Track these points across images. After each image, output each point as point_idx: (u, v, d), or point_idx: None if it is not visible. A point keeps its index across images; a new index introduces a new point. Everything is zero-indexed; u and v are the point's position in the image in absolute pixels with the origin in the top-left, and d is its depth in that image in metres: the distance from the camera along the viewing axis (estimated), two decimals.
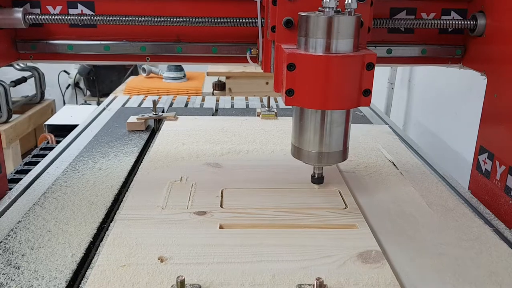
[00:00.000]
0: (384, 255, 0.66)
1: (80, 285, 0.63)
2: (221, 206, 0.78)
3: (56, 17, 0.89)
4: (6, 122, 2.65)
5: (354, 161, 1.01)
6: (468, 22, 0.90)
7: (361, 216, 0.76)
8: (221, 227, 0.72)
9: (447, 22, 0.91)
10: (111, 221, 0.79)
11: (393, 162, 1.01)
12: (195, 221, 0.73)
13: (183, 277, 0.54)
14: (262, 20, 0.82)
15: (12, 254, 0.68)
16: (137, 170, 0.97)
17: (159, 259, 0.64)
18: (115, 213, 0.81)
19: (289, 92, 0.70)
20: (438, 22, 0.91)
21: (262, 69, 0.85)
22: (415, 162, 1.03)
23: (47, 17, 0.89)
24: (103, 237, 0.74)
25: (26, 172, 1.06)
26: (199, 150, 1.03)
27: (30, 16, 0.88)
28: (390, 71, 1.84)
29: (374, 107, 1.53)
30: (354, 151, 1.07)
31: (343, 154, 0.79)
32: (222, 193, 0.83)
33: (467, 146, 1.33)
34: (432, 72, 1.59)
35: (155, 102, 1.21)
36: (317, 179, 0.85)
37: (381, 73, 1.96)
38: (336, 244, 0.68)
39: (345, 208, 0.79)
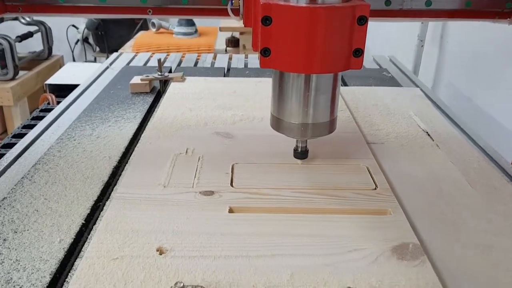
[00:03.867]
0: (423, 248, 0.56)
1: (67, 279, 0.54)
2: (231, 184, 0.68)
3: None
4: (12, 79, 2.56)
5: (383, 130, 0.89)
6: None
7: (394, 199, 0.65)
8: (230, 210, 0.62)
9: None
10: (107, 199, 0.69)
11: (427, 132, 0.89)
12: (201, 203, 0.63)
13: (182, 284, 0.44)
14: None
15: None
16: (139, 139, 0.87)
17: (157, 250, 0.54)
18: (112, 189, 0.72)
19: (265, 52, 0.59)
20: None
21: (243, 24, 0.73)
22: (452, 132, 0.91)
23: None
24: (98, 217, 0.65)
25: (24, 136, 0.96)
26: (208, 117, 0.92)
27: None
28: (420, 26, 1.67)
29: (402, 66, 1.40)
30: (383, 118, 0.95)
31: (330, 125, 0.68)
32: (232, 168, 0.72)
33: (509, 114, 1.20)
34: (467, 28, 1.43)
35: (160, 61, 1.10)
36: (300, 154, 0.74)
37: (410, 28, 1.80)
38: (365, 235, 0.57)
39: (375, 188, 0.68)
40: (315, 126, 0.67)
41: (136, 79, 1.09)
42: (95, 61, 3.52)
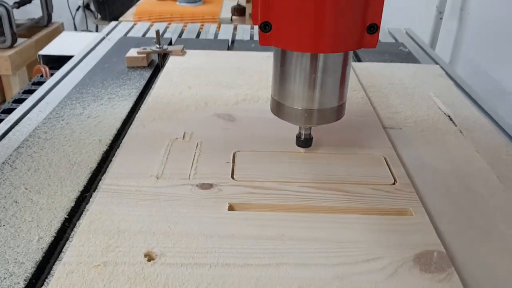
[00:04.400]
0: (449, 257, 0.49)
1: (43, 287, 0.48)
2: (232, 176, 0.61)
3: None
4: (10, 47, 2.48)
5: (401, 113, 0.81)
6: None
7: (416, 196, 0.58)
8: (230, 207, 0.55)
9: None
10: (95, 190, 0.62)
11: (449, 116, 0.81)
12: (197, 198, 0.56)
13: None
14: None
15: None
16: (133, 119, 0.79)
17: (146, 256, 0.48)
18: (101, 178, 0.65)
19: (265, 27, 0.52)
20: None
21: None
22: (476, 116, 0.82)
23: None
24: (83, 211, 0.59)
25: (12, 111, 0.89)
26: (209, 96, 0.84)
27: None
28: None
29: (420, 40, 1.30)
30: (400, 99, 0.87)
31: (338, 111, 0.61)
32: (234, 157, 0.65)
33: None
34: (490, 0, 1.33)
35: (158, 33, 1.01)
36: (303, 142, 0.66)
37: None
38: (383, 240, 0.50)
39: (394, 183, 0.60)
40: (321, 112, 0.59)
41: (133, 52, 1.01)
42: (96, 29, 3.40)
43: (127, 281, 0.45)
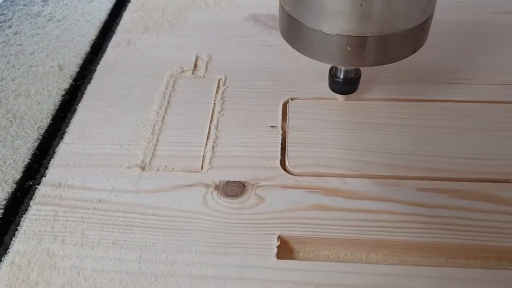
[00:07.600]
0: None
1: None
2: (283, 163, 0.32)
3: None
4: None
5: None
6: None
7: None
8: (283, 250, 0.27)
9: None
10: (41, 178, 0.35)
11: None
12: (216, 222, 0.29)
13: None
14: None
15: None
16: (116, 27, 0.49)
17: None
18: (55, 151, 0.37)
19: None
20: None
21: None
22: None
23: None
24: (16, 230, 0.32)
25: None
26: None
27: None
28: None
29: None
30: None
31: (418, 36, 0.29)
32: (285, 112, 0.35)
33: None
34: None
35: None
36: (342, 84, 0.35)
37: None
38: None
39: None
40: (383, 42, 0.27)
41: None
42: None
43: None
